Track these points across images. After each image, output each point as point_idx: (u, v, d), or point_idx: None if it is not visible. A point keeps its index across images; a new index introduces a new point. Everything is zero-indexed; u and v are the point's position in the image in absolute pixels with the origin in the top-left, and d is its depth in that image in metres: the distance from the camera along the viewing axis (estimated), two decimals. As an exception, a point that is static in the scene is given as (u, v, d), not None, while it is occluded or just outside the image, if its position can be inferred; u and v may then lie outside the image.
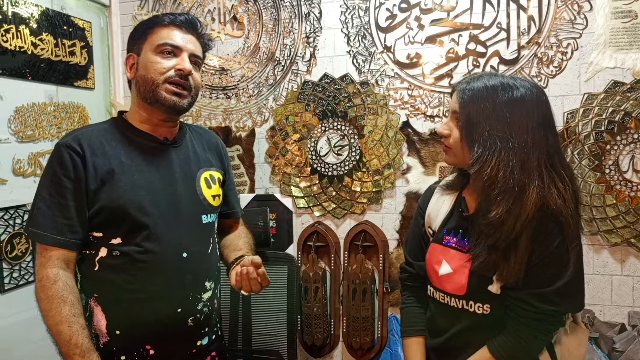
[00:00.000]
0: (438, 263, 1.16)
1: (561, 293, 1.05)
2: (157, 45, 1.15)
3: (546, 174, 1.03)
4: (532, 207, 1.01)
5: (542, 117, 1.06)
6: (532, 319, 1.07)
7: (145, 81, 1.15)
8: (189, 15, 1.22)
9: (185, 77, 1.16)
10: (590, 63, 1.80)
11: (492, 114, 1.05)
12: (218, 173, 1.31)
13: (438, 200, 1.25)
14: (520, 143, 1.03)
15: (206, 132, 1.39)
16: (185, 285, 1.17)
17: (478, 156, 1.05)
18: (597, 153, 1.80)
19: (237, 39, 2.17)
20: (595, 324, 1.83)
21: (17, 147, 1.78)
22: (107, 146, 1.14)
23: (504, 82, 1.07)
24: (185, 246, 1.17)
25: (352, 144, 2.05)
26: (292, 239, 2.13)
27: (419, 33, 1.96)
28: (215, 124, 2.21)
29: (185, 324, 1.17)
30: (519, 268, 1.03)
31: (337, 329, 2.10)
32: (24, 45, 1.81)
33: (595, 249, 1.84)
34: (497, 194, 1.03)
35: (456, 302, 1.14)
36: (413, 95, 1.98)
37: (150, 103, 1.17)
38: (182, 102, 1.17)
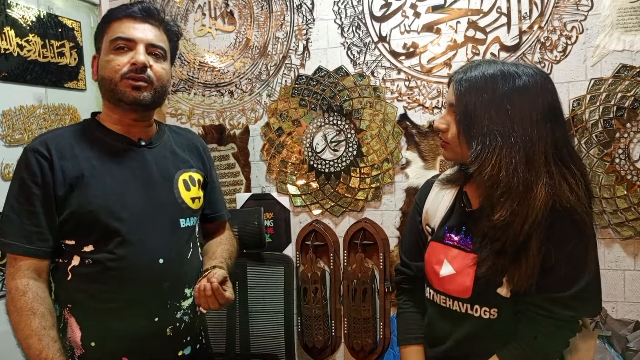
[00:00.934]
0: (439, 263, 1.07)
1: (580, 297, 0.96)
2: (110, 42, 1.08)
3: (555, 169, 0.94)
4: (541, 206, 0.92)
5: (548, 107, 0.96)
6: (549, 325, 0.98)
7: (104, 81, 1.09)
8: (145, 3, 1.13)
9: (142, 70, 1.07)
10: (597, 46, 1.70)
11: (491, 106, 0.95)
12: (198, 174, 1.24)
13: (437, 195, 1.16)
14: (524, 137, 0.93)
15: (187, 132, 1.33)
16: (163, 293, 1.12)
17: (477, 154, 0.96)
18: (605, 141, 1.70)
19: (228, 34, 2.11)
20: (607, 321, 1.74)
21: (4, 152, 1.75)
22: (77, 149, 1.09)
23: (505, 69, 0.98)
24: (161, 252, 1.11)
25: (349, 139, 1.98)
26: (290, 239, 2.08)
27: (415, 21, 1.87)
28: (209, 122, 2.16)
29: (163, 333, 1.12)
30: (531, 273, 0.94)
31: (338, 330, 2.04)
32: (10, 48, 1.77)
33: (606, 242, 1.74)
34: (500, 195, 0.94)
35: (459, 306, 1.05)
36: (410, 86, 1.90)
37: (114, 103, 1.11)
38: (143, 94, 1.08)
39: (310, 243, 2.02)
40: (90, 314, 1.08)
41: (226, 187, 2.13)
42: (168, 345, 1.13)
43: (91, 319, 1.08)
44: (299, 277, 2.02)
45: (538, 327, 0.99)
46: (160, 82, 1.12)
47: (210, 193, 1.31)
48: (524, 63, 1.03)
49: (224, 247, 1.28)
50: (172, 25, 1.18)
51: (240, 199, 2.11)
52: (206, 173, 1.29)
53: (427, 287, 1.14)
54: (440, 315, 1.11)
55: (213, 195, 1.33)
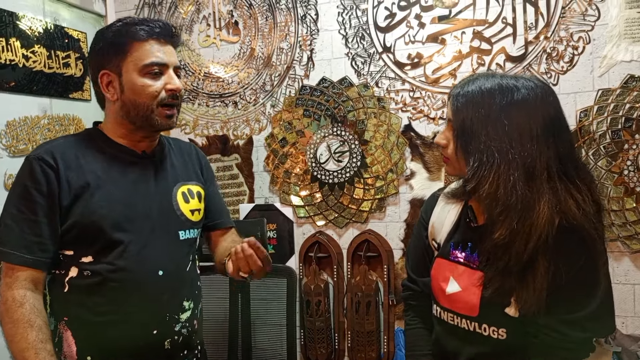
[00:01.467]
0: (445, 280, 1.04)
1: (594, 317, 0.93)
2: (144, 66, 1.06)
3: (560, 185, 0.91)
4: (544, 224, 0.88)
5: (550, 121, 0.93)
6: (562, 348, 0.95)
7: (137, 106, 1.08)
8: (163, 22, 1.12)
9: (176, 96, 1.11)
10: (604, 57, 1.68)
11: (488, 122, 0.93)
12: (197, 187, 1.24)
13: (443, 209, 1.13)
14: (523, 153, 0.90)
15: (184, 144, 1.33)
16: (162, 305, 1.10)
17: (474, 171, 0.93)
18: (614, 153, 1.67)
19: (233, 45, 2.11)
20: (617, 337, 1.70)
21: (8, 162, 1.75)
22: (81, 159, 1.09)
23: (503, 83, 0.95)
24: (161, 264, 1.10)
25: (353, 150, 1.96)
26: (294, 250, 2.06)
27: (419, 32, 1.86)
28: (213, 133, 2.15)
29: (162, 346, 1.11)
30: (540, 294, 0.90)
31: (341, 343, 2.01)
32: (15, 59, 1.78)
33: (615, 256, 1.71)
34: (499, 213, 0.91)
35: (467, 324, 1.02)
36: (415, 97, 1.89)
37: (139, 126, 1.11)
38: (174, 120, 1.13)
39: (314, 255, 2.00)
40: (87, 327, 1.06)
41: (229, 197, 2.12)
42: (166, 358, 1.12)
43: (88, 332, 1.06)
44: (302, 289, 1.99)
45: (551, 349, 0.96)
46: (182, 99, 1.16)
47: (210, 202, 1.29)
48: (525, 75, 1.00)
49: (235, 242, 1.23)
50: (179, 41, 1.18)
51: (244, 210, 2.10)
52: (205, 183, 1.28)
53: (434, 304, 1.11)
54: (448, 333, 1.08)
55: (212, 204, 1.31)
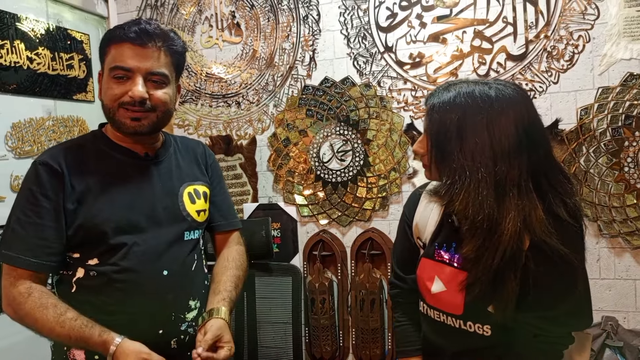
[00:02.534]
0: (430, 280, 1.06)
1: (571, 313, 0.97)
2: (110, 69, 1.05)
3: (528, 201, 0.90)
4: (509, 241, 0.89)
5: (523, 133, 0.91)
6: (543, 342, 0.98)
7: (104, 106, 1.09)
8: (143, 24, 1.06)
9: (140, 104, 1.05)
10: (604, 55, 1.70)
11: (460, 140, 0.92)
12: (204, 187, 1.24)
13: (425, 208, 1.13)
14: (493, 170, 0.90)
15: (192, 142, 1.31)
16: (167, 305, 1.11)
17: (447, 188, 0.94)
18: (614, 150, 1.69)
19: (235, 45, 2.12)
20: (619, 332, 1.72)
21: (14, 164, 1.76)
22: (85, 163, 1.09)
23: (476, 95, 0.93)
24: (165, 264, 1.11)
25: (356, 149, 1.98)
26: (298, 249, 2.07)
27: (421, 31, 1.88)
28: (216, 133, 2.17)
29: (168, 346, 1.11)
30: (508, 301, 0.93)
31: (346, 341, 2.03)
32: (20, 61, 1.79)
33: (617, 252, 1.73)
34: (466, 230, 0.93)
35: (453, 321, 1.05)
36: (417, 96, 1.91)
37: (115, 127, 1.11)
38: (142, 124, 1.07)
39: (318, 253, 2.01)
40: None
41: (233, 197, 2.13)
42: (173, 357, 1.12)
43: None
44: (307, 288, 2.01)
45: (533, 344, 0.99)
46: (164, 107, 1.09)
47: (214, 201, 1.29)
48: (501, 83, 0.97)
49: (230, 273, 1.23)
50: (174, 42, 1.11)
51: (247, 209, 2.12)
52: (211, 182, 1.28)
53: (421, 302, 1.13)
54: (435, 330, 1.10)
55: (217, 205, 1.30)
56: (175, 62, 1.13)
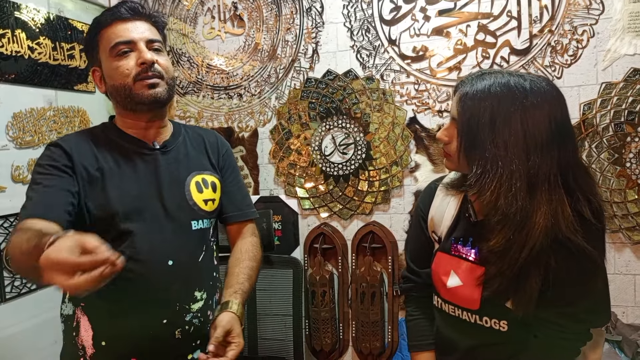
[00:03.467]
0: (446, 274, 1.06)
1: (592, 310, 0.96)
2: (110, 49, 1.08)
3: (556, 197, 0.90)
4: (539, 235, 0.89)
5: (555, 128, 0.91)
6: (561, 339, 0.98)
7: (117, 90, 1.09)
8: (128, 3, 1.11)
9: (152, 68, 1.08)
10: (608, 50, 1.70)
11: (493, 129, 0.90)
12: (213, 177, 1.23)
13: (442, 202, 1.13)
14: (527, 163, 0.89)
15: (205, 132, 1.31)
16: (171, 295, 1.11)
17: (477, 178, 0.92)
18: (616, 146, 1.69)
19: (238, 37, 2.11)
20: (617, 326, 1.73)
21: (15, 154, 1.75)
22: (95, 151, 1.10)
23: (511, 85, 0.92)
24: (171, 254, 1.11)
25: (358, 142, 1.98)
26: (299, 242, 2.08)
27: (424, 25, 1.87)
28: (218, 125, 2.16)
29: (172, 336, 1.11)
30: (531, 298, 0.93)
31: (346, 333, 2.04)
32: (21, 50, 1.78)
33: (617, 247, 1.74)
34: (497, 222, 0.91)
35: (468, 316, 1.04)
36: (420, 90, 1.90)
37: (131, 109, 1.11)
38: (159, 91, 1.09)
39: (319, 246, 2.02)
40: (101, 313, 1.08)
41: (234, 189, 2.13)
42: (177, 348, 1.13)
43: (103, 318, 1.08)
44: (307, 280, 2.01)
45: (551, 340, 0.98)
46: (169, 74, 1.12)
47: (227, 191, 1.27)
48: (535, 76, 0.96)
49: (244, 265, 1.22)
50: (158, 16, 1.16)
51: (249, 202, 2.11)
52: (221, 171, 1.27)
53: (435, 296, 1.13)
54: (449, 324, 1.09)
55: (228, 196, 1.27)
56: (162, 35, 1.17)
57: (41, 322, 1.79)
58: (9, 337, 1.69)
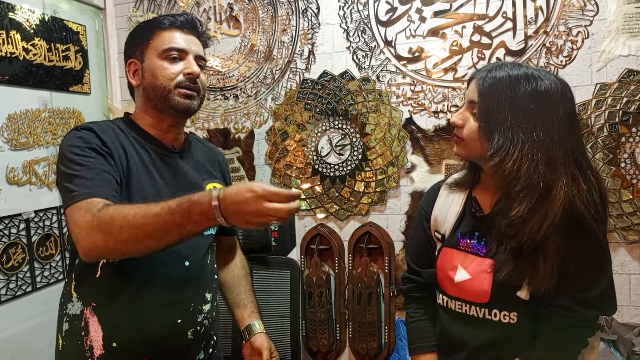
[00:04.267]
0: (453, 269, 1.06)
1: (603, 296, 0.98)
2: (163, 51, 1.11)
3: (572, 173, 0.95)
4: (559, 207, 0.92)
5: (568, 114, 0.97)
6: (573, 326, 0.99)
7: (155, 88, 1.11)
8: (189, 15, 1.17)
9: (195, 81, 1.13)
10: (602, 51, 1.71)
11: (515, 104, 0.96)
12: (221, 185, 1.26)
13: (445, 200, 1.15)
14: (546, 137, 0.94)
15: (210, 145, 1.37)
16: (187, 296, 1.13)
17: (498, 147, 0.95)
18: (611, 146, 1.70)
19: (233, 38, 2.11)
20: (613, 325, 1.74)
21: (10, 155, 1.75)
22: (122, 141, 1.11)
23: (528, 72, 0.98)
24: (187, 255, 1.12)
25: (354, 143, 1.98)
26: (295, 242, 2.08)
27: (420, 26, 1.88)
28: (214, 126, 2.16)
29: (185, 336, 1.12)
30: (550, 274, 0.94)
31: (342, 334, 2.04)
32: (16, 51, 1.77)
33: (612, 246, 1.74)
34: (519, 190, 0.94)
35: (477, 311, 1.04)
36: (416, 90, 1.91)
37: (160, 110, 1.13)
38: (194, 103, 1.14)
39: (315, 247, 2.02)
40: (114, 313, 1.07)
41: (231, 190, 2.13)
42: (188, 348, 1.14)
43: (115, 318, 1.07)
44: (304, 281, 2.01)
45: (563, 327, 0.99)
46: (204, 91, 1.17)
47: None
48: (545, 70, 1.05)
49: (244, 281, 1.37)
50: (207, 38, 1.22)
51: (245, 203, 2.11)
52: (226, 185, 1.30)
53: (440, 294, 1.13)
54: (456, 322, 1.09)
55: None
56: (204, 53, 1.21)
57: (37, 325, 1.78)
58: (4, 340, 1.68)
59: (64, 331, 1.12)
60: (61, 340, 1.13)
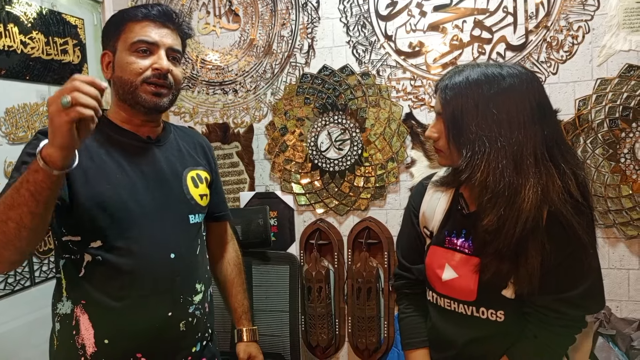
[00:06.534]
0: (440, 267, 1.07)
1: (587, 295, 0.98)
2: (132, 44, 1.08)
3: (544, 170, 0.94)
4: (530, 209, 0.91)
5: (536, 106, 0.96)
6: (558, 325, 1.00)
7: (123, 83, 1.08)
8: (163, 6, 1.13)
9: (164, 76, 1.08)
10: (603, 46, 1.70)
11: (477, 113, 0.95)
12: (205, 173, 1.25)
13: (432, 197, 1.14)
14: (511, 140, 0.93)
15: (192, 132, 1.34)
16: (175, 288, 1.12)
17: (467, 161, 0.96)
18: (611, 141, 1.70)
19: (233, 32, 2.10)
20: (611, 320, 1.74)
21: (8, 150, 1.73)
22: (88, 142, 1.07)
23: (488, 73, 0.97)
24: (172, 247, 1.11)
25: (354, 138, 1.98)
26: (294, 238, 2.07)
27: (421, 20, 1.87)
28: (213, 121, 2.15)
29: (177, 328, 1.12)
30: (532, 274, 0.95)
31: (342, 329, 2.04)
32: (13, 45, 1.76)
33: (611, 242, 1.75)
34: (487, 200, 0.94)
35: (464, 309, 1.05)
36: (416, 85, 1.90)
37: (130, 105, 1.10)
38: (163, 101, 1.10)
39: (315, 242, 2.01)
40: (104, 310, 1.06)
41: (230, 185, 2.12)
42: (182, 340, 1.14)
43: (105, 315, 1.06)
44: (303, 276, 2.01)
45: (549, 326, 1.00)
46: (178, 85, 1.13)
47: (215, 192, 1.31)
48: (509, 64, 1.03)
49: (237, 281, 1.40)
50: (186, 28, 1.18)
51: (244, 198, 2.11)
52: (212, 171, 1.29)
53: (429, 291, 1.13)
54: (444, 319, 1.10)
55: (218, 195, 1.34)
56: (183, 45, 1.18)
57: (35, 320, 1.77)
58: (2, 334, 1.68)
59: (57, 331, 1.12)
60: (56, 340, 1.13)
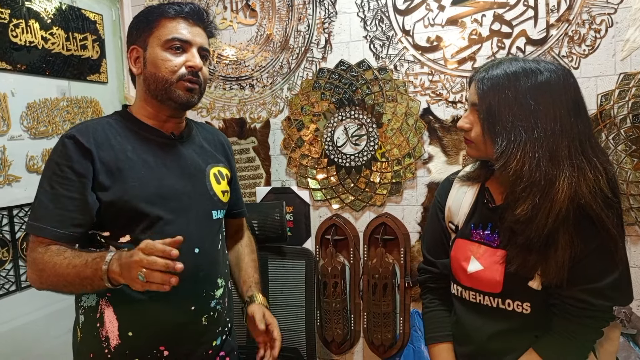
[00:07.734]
0: (466, 260, 1.07)
1: (615, 287, 0.97)
2: (166, 41, 1.09)
3: (577, 164, 0.94)
4: (564, 200, 0.92)
5: (571, 102, 0.97)
6: (586, 317, 0.99)
7: (156, 79, 1.10)
8: (195, 5, 1.14)
9: (197, 74, 1.11)
10: (627, 40, 1.67)
11: (515, 103, 0.96)
12: (226, 169, 1.27)
13: (458, 192, 1.16)
14: (547, 132, 0.94)
15: (212, 129, 1.35)
16: (199, 282, 1.13)
17: (502, 150, 0.96)
18: (634, 137, 1.67)
19: (250, 27, 2.10)
20: (632, 319, 1.72)
21: (30, 144, 1.76)
22: (113, 140, 1.10)
23: (526, 66, 0.98)
24: (196, 242, 1.12)
25: (371, 133, 1.97)
26: (310, 233, 2.07)
27: (439, 14, 1.85)
28: (230, 116, 2.15)
29: (199, 322, 1.13)
30: (561, 266, 0.95)
31: (357, 324, 2.04)
32: (35, 40, 1.78)
33: (633, 240, 1.72)
34: (522, 189, 0.95)
35: (490, 301, 1.05)
36: (434, 80, 1.88)
37: (160, 100, 1.12)
38: (194, 97, 1.13)
39: (330, 237, 2.01)
40: (129, 303, 1.08)
41: (246, 180, 2.13)
42: (203, 334, 1.15)
43: (130, 308, 1.08)
44: (319, 271, 2.01)
45: (576, 319, 0.99)
46: (206, 83, 1.16)
47: (233, 189, 1.33)
48: (545, 59, 1.03)
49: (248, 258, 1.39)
50: (213, 28, 1.20)
51: (260, 193, 2.11)
52: (231, 168, 1.31)
53: (454, 284, 1.13)
54: (470, 311, 1.10)
55: (236, 192, 1.36)
56: (209, 44, 1.19)
57: (56, 311, 1.81)
58: (24, 325, 1.71)
59: (81, 323, 1.14)
60: (79, 332, 1.15)
